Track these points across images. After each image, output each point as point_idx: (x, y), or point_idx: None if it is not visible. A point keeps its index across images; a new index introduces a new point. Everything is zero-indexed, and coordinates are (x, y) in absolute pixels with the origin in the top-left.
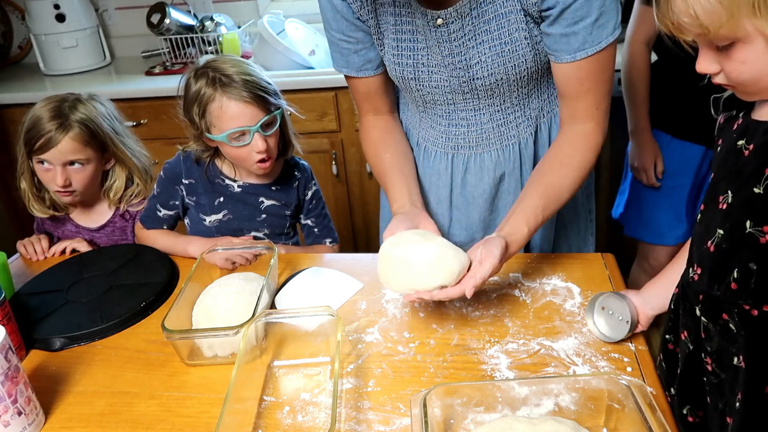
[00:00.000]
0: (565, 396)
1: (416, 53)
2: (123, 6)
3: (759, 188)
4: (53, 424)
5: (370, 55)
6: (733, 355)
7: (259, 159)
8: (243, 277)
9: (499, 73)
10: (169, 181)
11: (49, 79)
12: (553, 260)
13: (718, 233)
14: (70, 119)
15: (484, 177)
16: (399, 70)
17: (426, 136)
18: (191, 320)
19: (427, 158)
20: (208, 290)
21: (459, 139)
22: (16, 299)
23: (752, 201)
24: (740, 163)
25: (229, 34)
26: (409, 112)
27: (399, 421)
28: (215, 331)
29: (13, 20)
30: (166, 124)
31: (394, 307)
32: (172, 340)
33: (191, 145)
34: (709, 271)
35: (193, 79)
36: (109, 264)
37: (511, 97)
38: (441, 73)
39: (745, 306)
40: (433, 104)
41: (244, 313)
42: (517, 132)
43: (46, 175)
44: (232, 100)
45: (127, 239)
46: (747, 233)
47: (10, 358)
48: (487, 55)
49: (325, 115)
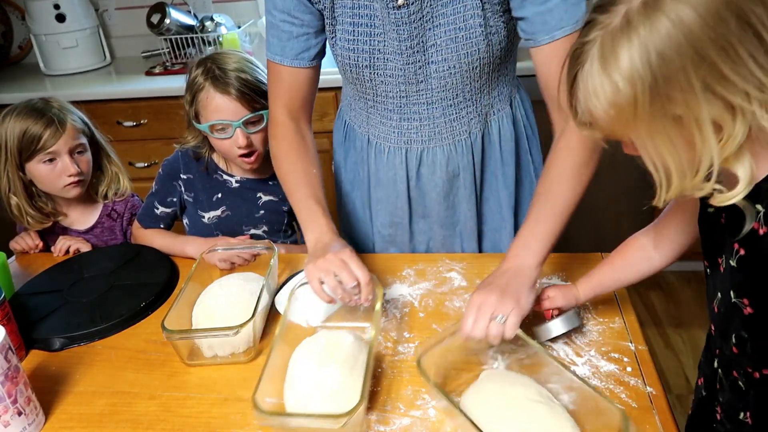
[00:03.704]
0: (564, 396)
1: (372, 38)
2: (123, 6)
3: (733, 261)
4: (53, 424)
5: (310, 43)
6: (740, 410)
7: (240, 154)
8: (243, 277)
9: (453, 59)
10: (168, 177)
11: (49, 79)
12: (553, 260)
13: (718, 296)
14: (54, 112)
15: (437, 171)
16: (353, 57)
17: (377, 133)
18: (191, 320)
19: (380, 154)
20: (208, 290)
21: (411, 133)
22: (16, 299)
23: (732, 272)
24: (716, 232)
25: (229, 34)
26: (353, 112)
27: (399, 421)
28: (215, 331)
29: (13, 20)
30: (166, 124)
31: (394, 307)
32: (172, 340)
33: (187, 140)
34: (718, 331)
35: (195, 67)
36: (109, 264)
37: (463, 90)
38: (396, 61)
39: (748, 368)
40: (385, 96)
41: (244, 313)
42: (468, 128)
43: (52, 172)
44: (218, 93)
45: (116, 239)
46: (732, 303)
47: (10, 358)
48: (442, 39)
49: (325, 115)
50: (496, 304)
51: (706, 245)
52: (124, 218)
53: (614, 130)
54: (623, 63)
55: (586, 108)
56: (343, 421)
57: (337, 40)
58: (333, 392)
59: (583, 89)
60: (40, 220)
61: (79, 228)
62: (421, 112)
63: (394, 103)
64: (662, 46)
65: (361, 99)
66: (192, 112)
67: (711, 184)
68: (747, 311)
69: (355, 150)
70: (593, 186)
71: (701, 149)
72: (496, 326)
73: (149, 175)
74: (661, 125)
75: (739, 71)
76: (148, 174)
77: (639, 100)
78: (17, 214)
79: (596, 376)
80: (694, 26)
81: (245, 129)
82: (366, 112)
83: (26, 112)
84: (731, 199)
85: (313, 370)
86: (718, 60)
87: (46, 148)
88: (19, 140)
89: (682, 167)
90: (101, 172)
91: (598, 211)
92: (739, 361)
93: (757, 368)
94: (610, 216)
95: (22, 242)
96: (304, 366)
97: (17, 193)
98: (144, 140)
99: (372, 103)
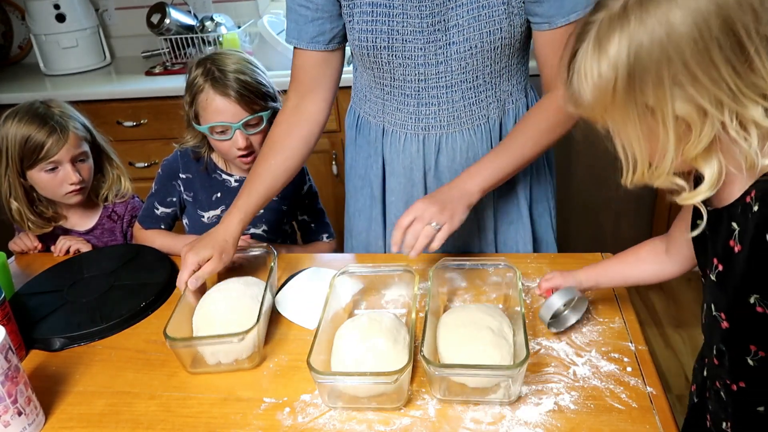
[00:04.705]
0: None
1: (392, 19)
2: (123, 6)
3: (713, 276)
4: (53, 424)
5: (325, 27)
6: (722, 420)
7: (239, 155)
8: (243, 281)
9: (474, 39)
10: (167, 176)
11: (49, 79)
12: (553, 260)
13: (704, 307)
14: (56, 119)
15: (457, 158)
16: (371, 39)
17: (393, 120)
18: (192, 327)
19: (395, 143)
20: (208, 296)
21: (430, 119)
22: (16, 299)
23: (712, 286)
24: (703, 245)
25: (229, 34)
26: (367, 103)
27: (399, 421)
28: (221, 338)
29: (13, 20)
30: (166, 124)
31: (395, 307)
32: (175, 348)
33: (187, 139)
34: (706, 341)
35: (194, 67)
36: (109, 264)
37: (483, 73)
38: (416, 41)
39: (727, 380)
40: (403, 81)
41: (245, 318)
42: (487, 112)
43: (54, 180)
44: (218, 95)
45: (116, 240)
46: (713, 316)
47: (10, 358)
48: (464, 19)
49: None
50: (434, 214)
51: (698, 257)
52: (125, 220)
53: (594, 113)
54: (611, 49)
55: (577, 86)
56: (394, 378)
57: (354, 23)
58: (380, 359)
59: (577, 67)
60: (40, 225)
61: (80, 229)
62: (440, 96)
63: (412, 87)
64: (645, 39)
65: (377, 86)
66: (191, 113)
67: (670, 177)
68: (724, 325)
69: (368, 143)
70: (593, 186)
71: (664, 142)
72: (430, 229)
73: (149, 175)
74: (633, 114)
75: (711, 74)
76: (148, 174)
77: (617, 86)
78: (18, 218)
79: (596, 376)
80: (678, 25)
81: (245, 131)
82: (382, 100)
83: (28, 118)
84: (692, 198)
85: (359, 341)
86: (692, 61)
87: (48, 157)
88: (21, 147)
89: (646, 156)
90: (102, 175)
91: (598, 211)
92: (719, 372)
93: (734, 381)
94: (610, 216)
95: (21, 243)
96: (351, 338)
97: (18, 198)
98: (144, 140)
99: (389, 89)
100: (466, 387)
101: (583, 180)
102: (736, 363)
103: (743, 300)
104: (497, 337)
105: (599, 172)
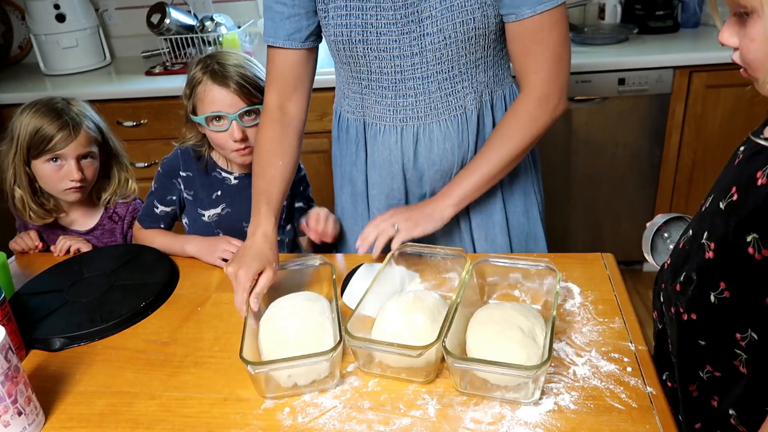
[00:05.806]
0: (565, 395)
1: (365, 12)
2: (123, 6)
3: (723, 204)
4: (53, 424)
5: (302, 23)
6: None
7: (236, 147)
8: (304, 296)
9: (448, 30)
10: (167, 175)
11: (49, 79)
12: (553, 260)
13: (689, 234)
14: (72, 115)
15: (434, 148)
16: (346, 33)
17: (372, 114)
18: (258, 349)
19: (375, 136)
20: (272, 315)
21: (407, 110)
22: (16, 299)
23: (714, 214)
24: (720, 176)
25: (229, 34)
26: (346, 100)
27: (399, 421)
28: (307, 358)
29: (13, 20)
30: (166, 124)
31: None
32: (257, 373)
33: (187, 137)
34: (672, 266)
35: (195, 64)
36: (109, 264)
37: (458, 63)
38: (390, 34)
39: (680, 309)
40: (379, 73)
41: (319, 336)
42: (464, 103)
43: (56, 174)
44: (215, 85)
45: (116, 241)
46: (700, 243)
47: (10, 358)
48: (437, 10)
49: (325, 115)
50: (400, 220)
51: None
52: (125, 221)
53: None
54: None
55: None
56: (418, 352)
57: (330, 18)
58: (417, 334)
59: None
60: (41, 215)
61: (80, 229)
62: (417, 87)
63: (388, 80)
64: None
65: (354, 81)
66: (190, 105)
67: None
68: (708, 255)
69: (349, 141)
70: (593, 186)
71: None
72: (390, 229)
73: (149, 175)
74: None
75: None
76: (148, 174)
77: None
78: (20, 207)
79: (596, 376)
80: None
81: (241, 122)
82: (360, 95)
83: (44, 111)
84: None
85: (401, 315)
86: None
87: (54, 150)
88: (31, 137)
89: None
90: (108, 179)
91: (598, 211)
92: (676, 299)
93: (687, 311)
94: (610, 216)
95: (22, 242)
96: (394, 312)
97: (22, 186)
98: (144, 140)
99: (366, 83)
100: (487, 383)
101: (583, 180)
102: (698, 295)
103: (740, 236)
104: (526, 338)
105: (599, 171)
